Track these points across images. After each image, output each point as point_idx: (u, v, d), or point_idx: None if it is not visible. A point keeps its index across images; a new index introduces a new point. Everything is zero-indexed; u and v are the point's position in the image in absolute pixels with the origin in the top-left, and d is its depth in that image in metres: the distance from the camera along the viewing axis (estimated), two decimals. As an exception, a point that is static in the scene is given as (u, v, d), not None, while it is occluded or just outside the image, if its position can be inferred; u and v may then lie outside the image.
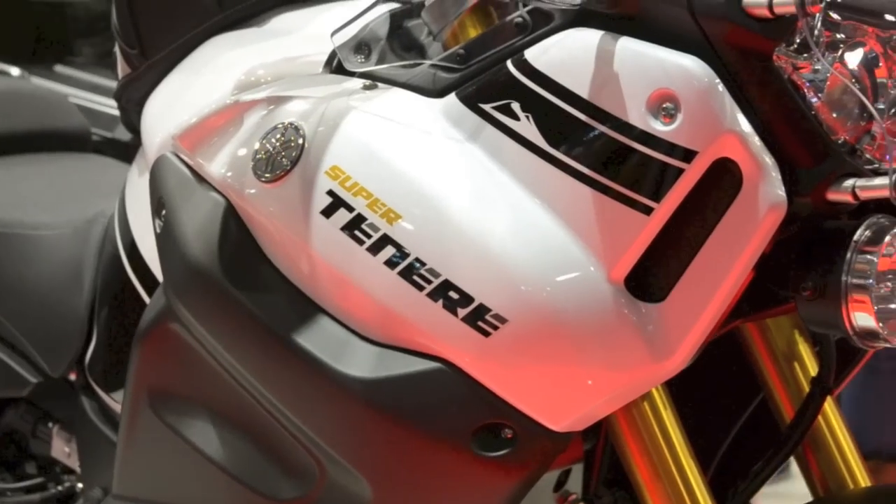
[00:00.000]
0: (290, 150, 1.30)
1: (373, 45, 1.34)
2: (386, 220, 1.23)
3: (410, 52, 1.35)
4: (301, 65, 1.42)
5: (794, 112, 1.14)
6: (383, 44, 1.35)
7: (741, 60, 1.14)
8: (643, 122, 1.15)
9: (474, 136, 1.24)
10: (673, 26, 1.15)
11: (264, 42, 1.49)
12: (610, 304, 1.18)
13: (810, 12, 1.10)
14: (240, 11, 1.54)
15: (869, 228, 1.17)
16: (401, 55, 1.35)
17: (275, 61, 1.44)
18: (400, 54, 1.35)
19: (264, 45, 1.49)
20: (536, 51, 1.21)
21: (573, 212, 1.19)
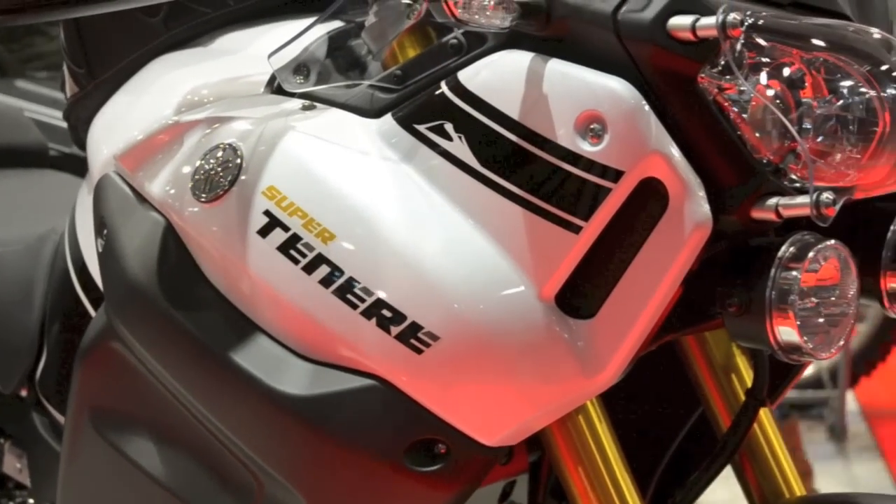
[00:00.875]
0: (228, 170, 1.31)
1: (312, 66, 1.36)
2: (321, 239, 1.25)
3: (350, 73, 1.37)
4: (243, 85, 1.43)
5: (719, 132, 1.16)
6: (322, 64, 1.37)
7: (667, 82, 1.16)
8: (571, 143, 1.17)
9: (409, 156, 1.26)
10: (601, 48, 1.17)
11: (208, 62, 1.51)
12: (541, 322, 1.20)
13: (732, 36, 1.12)
14: (185, 31, 1.55)
15: (793, 245, 1.19)
16: (340, 75, 1.37)
17: (217, 81, 1.45)
18: (339, 75, 1.37)
19: (208, 64, 1.50)
20: (469, 72, 1.23)
21: (504, 230, 1.21)
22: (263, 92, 1.41)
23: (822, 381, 4.00)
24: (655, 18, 1.15)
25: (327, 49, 1.37)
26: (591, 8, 1.17)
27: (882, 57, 1.18)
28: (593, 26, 1.17)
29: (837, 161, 1.18)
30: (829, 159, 1.18)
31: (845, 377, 3.91)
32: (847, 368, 3.91)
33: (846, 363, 3.93)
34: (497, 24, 1.17)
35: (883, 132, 1.18)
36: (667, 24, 1.14)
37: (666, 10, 1.14)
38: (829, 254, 1.20)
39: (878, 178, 1.20)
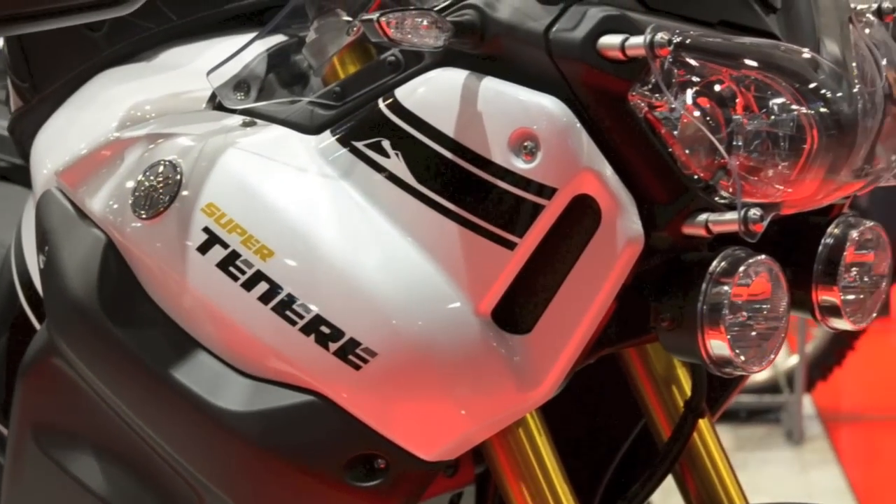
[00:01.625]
0: (168, 187, 1.32)
1: (252, 82, 1.37)
2: (259, 256, 1.26)
3: (291, 88, 1.38)
4: (185, 101, 1.44)
5: (650, 150, 1.18)
6: (263, 81, 1.38)
7: (598, 100, 1.17)
8: (505, 160, 1.19)
9: (347, 173, 1.27)
10: (534, 66, 1.19)
11: (151, 77, 1.51)
12: (477, 337, 1.22)
13: (660, 55, 1.14)
14: (128, 46, 1.55)
15: (725, 260, 1.20)
16: (281, 91, 1.38)
17: (159, 97, 1.46)
18: (280, 91, 1.38)
19: (151, 80, 1.51)
20: (406, 90, 1.24)
21: (441, 247, 1.22)
22: (205, 108, 1.41)
23: (778, 386, 4.03)
24: (586, 38, 1.16)
25: (267, 65, 1.38)
26: (523, 27, 1.19)
27: (809, 75, 1.20)
28: (526, 45, 1.19)
29: (767, 177, 1.19)
30: (760, 175, 1.19)
31: (802, 382, 3.94)
32: (804, 373, 3.94)
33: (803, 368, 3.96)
34: (430, 44, 1.18)
35: (811, 148, 1.20)
36: (597, 44, 1.16)
37: (596, 29, 1.16)
38: (760, 268, 1.21)
39: (807, 194, 1.22)
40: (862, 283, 1.31)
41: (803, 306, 1.31)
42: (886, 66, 1.29)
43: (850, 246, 1.29)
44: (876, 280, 1.32)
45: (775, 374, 4.03)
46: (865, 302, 1.32)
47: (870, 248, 1.31)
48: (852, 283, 1.31)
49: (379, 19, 1.16)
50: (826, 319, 1.31)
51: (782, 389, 4.01)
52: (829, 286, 1.29)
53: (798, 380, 3.91)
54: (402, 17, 1.17)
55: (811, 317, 1.32)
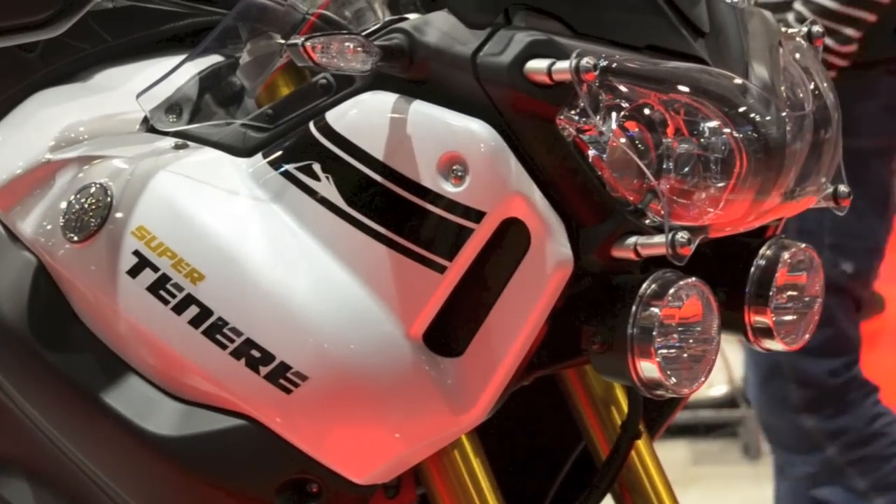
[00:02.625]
0: (99, 210, 1.31)
1: (184, 104, 1.37)
2: (190, 279, 1.26)
3: (224, 110, 1.38)
4: (119, 122, 1.44)
5: (578, 173, 1.18)
6: (195, 103, 1.37)
7: (526, 124, 1.17)
8: (434, 184, 1.19)
9: (278, 196, 1.26)
10: (462, 90, 1.19)
11: (85, 98, 1.50)
12: (409, 360, 1.22)
13: (586, 79, 1.14)
14: (63, 67, 1.55)
15: (655, 282, 1.21)
16: (214, 113, 1.37)
17: (93, 119, 1.45)
18: (213, 113, 1.38)
19: (85, 101, 1.50)
20: (336, 113, 1.24)
21: (372, 270, 1.22)
22: (138, 130, 1.41)
23: (735, 401, 4.04)
24: (513, 62, 1.16)
25: (200, 87, 1.37)
26: (451, 51, 1.19)
27: (737, 100, 1.20)
28: (454, 69, 1.19)
29: (697, 199, 1.20)
30: (689, 197, 1.20)
31: (759, 396, 3.94)
32: (760, 388, 3.95)
33: (759, 383, 3.97)
34: (358, 68, 1.18)
35: (740, 171, 1.20)
36: (524, 68, 1.16)
37: (523, 54, 1.16)
38: (691, 291, 1.21)
39: (737, 216, 1.22)
40: (794, 304, 1.31)
41: (736, 328, 1.31)
42: (814, 89, 1.30)
43: (782, 268, 1.30)
44: (808, 301, 1.32)
45: (732, 390, 4.04)
46: (798, 323, 1.32)
47: (802, 270, 1.31)
48: (785, 304, 1.31)
49: (304, 44, 1.16)
50: (759, 341, 1.31)
51: (739, 404, 4.02)
52: (761, 308, 1.30)
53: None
54: (329, 41, 1.17)
55: (744, 338, 1.32)
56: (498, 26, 1.19)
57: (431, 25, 1.21)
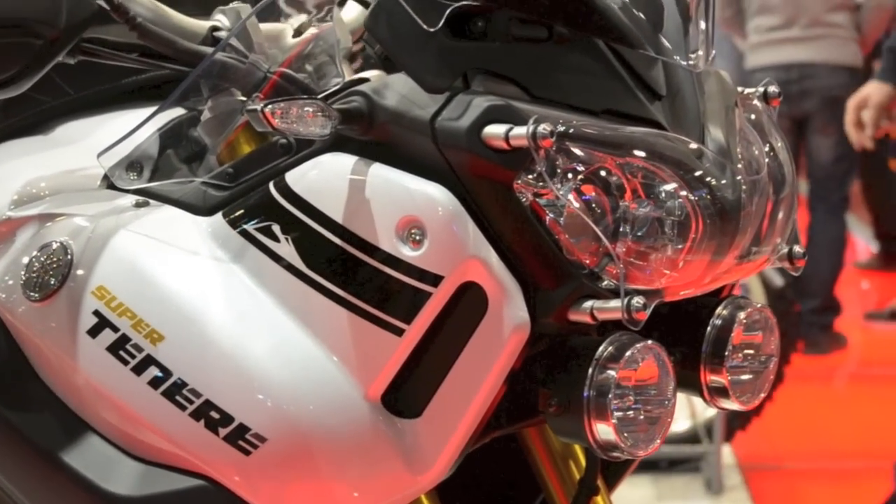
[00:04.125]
0: (59, 269, 1.32)
1: (145, 162, 1.37)
2: (150, 340, 1.26)
3: (185, 167, 1.38)
4: (79, 178, 1.44)
5: (535, 238, 1.19)
6: (156, 160, 1.38)
7: (484, 188, 1.18)
8: (392, 248, 1.19)
9: (238, 256, 1.27)
10: (421, 154, 1.20)
11: (47, 152, 1.51)
12: (367, 422, 1.22)
13: (543, 146, 1.15)
14: (26, 119, 1.55)
15: (612, 345, 1.21)
16: (174, 170, 1.38)
17: (54, 174, 1.45)
18: (173, 169, 1.38)
19: (47, 155, 1.50)
20: (296, 174, 1.25)
21: (330, 332, 1.22)
22: (99, 186, 1.41)
23: (697, 436, 4.05)
24: (470, 127, 1.17)
25: (160, 144, 1.38)
26: (410, 115, 1.20)
27: (693, 164, 1.21)
28: (413, 132, 1.20)
29: (654, 261, 1.21)
30: (646, 259, 1.21)
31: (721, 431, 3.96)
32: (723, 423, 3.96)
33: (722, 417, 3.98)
34: (317, 133, 1.19)
35: (696, 234, 1.21)
36: (482, 133, 1.17)
37: (480, 119, 1.17)
38: (647, 354, 1.22)
39: (693, 277, 1.23)
40: (750, 364, 1.32)
41: (692, 387, 1.32)
42: (770, 150, 1.31)
43: (737, 327, 1.31)
44: (764, 360, 1.33)
45: (695, 425, 4.04)
46: (754, 382, 1.33)
47: (758, 330, 1.32)
48: (740, 364, 1.32)
49: (263, 109, 1.16)
50: (715, 400, 1.32)
51: (702, 440, 4.03)
52: (717, 367, 1.30)
53: (717, 430, 3.93)
54: (288, 106, 1.17)
55: (700, 397, 1.33)
56: (456, 90, 1.20)
57: (390, 88, 1.22)
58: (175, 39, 1.35)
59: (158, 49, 1.35)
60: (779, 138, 1.33)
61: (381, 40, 1.22)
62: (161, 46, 1.35)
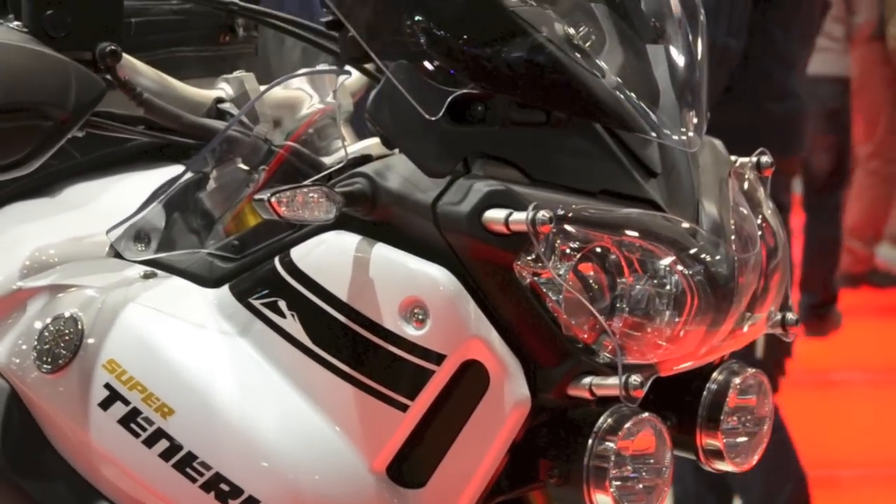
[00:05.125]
0: (70, 341, 1.35)
1: (152, 232, 1.40)
2: (160, 414, 1.29)
3: (191, 237, 1.40)
4: (89, 245, 1.46)
5: (534, 317, 1.22)
6: (163, 230, 1.40)
7: (484, 270, 1.22)
8: (396, 327, 1.23)
9: (245, 330, 1.30)
10: (422, 235, 1.23)
11: (55, 216, 1.53)
12: (372, 492, 1.26)
13: (541, 231, 1.18)
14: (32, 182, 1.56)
15: (611, 416, 1.25)
16: (181, 240, 1.40)
17: (63, 241, 1.48)
18: (180, 239, 1.40)
19: (55, 219, 1.52)
20: (301, 251, 1.28)
21: (336, 406, 1.26)
22: (107, 254, 1.44)
23: None
24: (471, 212, 1.20)
25: (167, 214, 1.40)
26: (412, 198, 1.23)
27: (688, 242, 1.25)
28: (415, 215, 1.23)
29: (650, 334, 1.24)
30: (643, 333, 1.24)
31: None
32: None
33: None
34: (322, 218, 1.22)
35: (691, 308, 1.25)
36: (482, 218, 1.20)
37: (481, 204, 1.20)
38: (644, 426, 1.26)
39: (687, 351, 1.27)
40: (744, 426, 1.36)
41: (688, 449, 1.35)
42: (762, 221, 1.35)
43: (732, 392, 1.34)
44: (758, 423, 1.37)
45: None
46: (749, 444, 1.36)
47: (752, 394, 1.36)
48: (735, 426, 1.35)
49: (270, 199, 1.20)
50: (710, 462, 1.36)
51: None
52: (712, 431, 1.34)
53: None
54: (293, 194, 1.21)
55: (695, 459, 1.36)
56: (457, 174, 1.23)
57: (393, 170, 1.25)
58: (180, 114, 1.38)
59: (164, 123, 1.38)
60: (770, 207, 1.37)
61: (382, 126, 1.25)
62: (167, 121, 1.38)
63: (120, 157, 1.57)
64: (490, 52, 1.23)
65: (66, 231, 1.51)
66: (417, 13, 1.23)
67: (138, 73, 1.40)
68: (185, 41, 1.62)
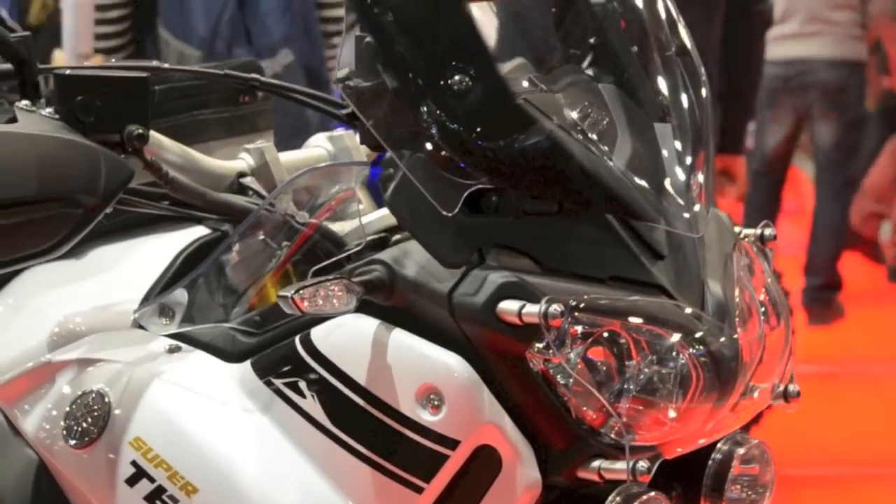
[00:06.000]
0: (97, 417, 1.39)
1: (176, 307, 1.44)
2: (184, 492, 1.34)
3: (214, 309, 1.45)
4: (114, 315, 1.50)
5: (546, 402, 1.27)
6: (186, 304, 1.44)
7: (498, 358, 1.26)
8: (413, 412, 1.28)
9: (267, 408, 1.35)
10: (439, 323, 1.28)
11: (81, 281, 1.57)
12: None
13: (553, 325, 1.23)
14: None
15: (619, 495, 1.29)
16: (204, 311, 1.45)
17: (89, 310, 1.52)
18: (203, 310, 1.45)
19: (80, 284, 1.56)
20: (321, 332, 1.32)
21: (354, 486, 1.31)
22: (132, 324, 1.48)
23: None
24: (485, 304, 1.25)
25: (190, 289, 1.45)
26: (429, 287, 1.28)
27: (694, 326, 1.29)
28: (431, 303, 1.27)
29: (656, 413, 1.29)
30: (649, 412, 1.29)
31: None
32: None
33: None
34: (343, 310, 1.27)
35: (696, 387, 1.30)
36: (496, 309, 1.25)
37: (495, 296, 1.25)
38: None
39: (692, 429, 1.32)
40: (748, 494, 1.41)
41: None
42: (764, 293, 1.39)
43: (736, 462, 1.39)
44: (760, 490, 1.42)
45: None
46: None
47: (755, 463, 1.41)
48: (738, 495, 1.40)
49: (293, 297, 1.24)
50: None
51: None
52: (716, 500, 1.39)
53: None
54: (316, 290, 1.25)
55: None
56: (472, 265, 1.27)
57: (410, 257, 1.29)
58: (204, 192, 1.43)
59: (189, 201, 1.43)
60: (773, 278, 1.41)
61: (400, 217, 1.30)
62: (192, 198, 1.42)
63: (143, 219, 1.61)
64: (502, 146, 1.27)
65: (91, 298, 1.55)
66: (430, 107, 1.26)
67: (164, 148, 1.45)
68: (205, 104, 1.66)
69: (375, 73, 1.29)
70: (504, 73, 1.32)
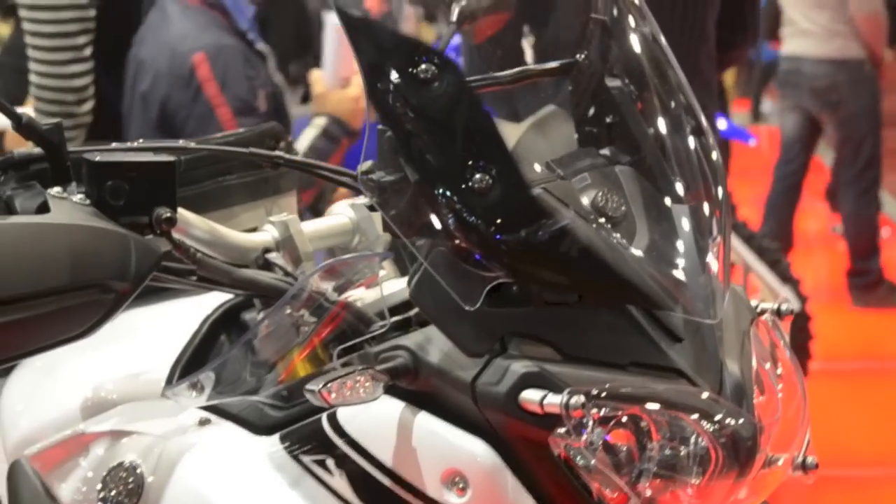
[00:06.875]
0: (132, 491, 1.44)
1: (205, 381, 1.48)
2: None
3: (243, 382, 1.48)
4: (145, 384, 1.55)
5: (568, 485, 1.30)
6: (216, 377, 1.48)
7: (520, 444, 1.30)
8: (439, 495, 1.31)
9: (296, 483, 1.39)
10: (462, 408, 1.31)
11: (111, 346, 1.60)
12: None
13: (573, 416, 1.26)
14: None
15: None
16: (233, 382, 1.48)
17: (121, 378, 1.56)
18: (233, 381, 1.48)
19: (111, 350, 1.60)
20: (348, 413, 1.36)
21: None
22: (164, 392, 1.52)
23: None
24: (508, 393, 1.28)
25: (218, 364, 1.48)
26: (452, 374, 1.31)
27: (713, 410, 1.32)
28: (455, 390, 1.31)
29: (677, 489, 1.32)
30: (670, 490, 1.32)
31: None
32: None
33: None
34: (369, 399, 1.30)
35: (715, 467, 1.33)
36: (518, 399, 1.28)
37: (517, 385, 1.28)
38: None
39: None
40: None
41: None
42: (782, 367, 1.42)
43: None
44: None
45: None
46: None
47: None
48: None
49: (321, 391, 1.27)
50: None
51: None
52: None
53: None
54: (343, 382, 1.28)
55: None
56: (494, 354, 1.30)
57: (433, 344, 1.32)
58: (231, 270, 1.46)
59: (216, 279, 1.46)
60: (790, 355, 1.44)
61: (423, 309, 1.33)
62: (219, 276, 1.46)
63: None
64: (522, 240, 1.29)
65: (120, 364, 1.59)
66: (451, 203, 1.28)
67: (191, 224, 1.47)
68: (230, 170, 1.69)
69: (397, 167, 1.31)
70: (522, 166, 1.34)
